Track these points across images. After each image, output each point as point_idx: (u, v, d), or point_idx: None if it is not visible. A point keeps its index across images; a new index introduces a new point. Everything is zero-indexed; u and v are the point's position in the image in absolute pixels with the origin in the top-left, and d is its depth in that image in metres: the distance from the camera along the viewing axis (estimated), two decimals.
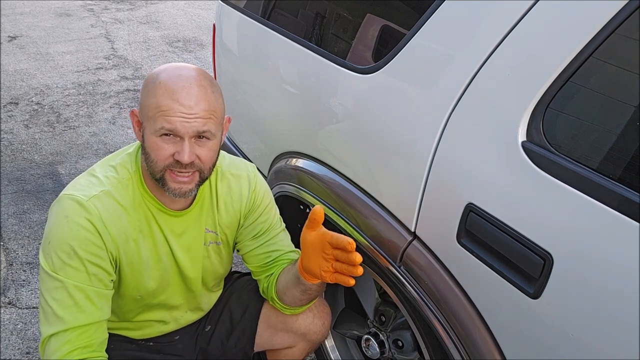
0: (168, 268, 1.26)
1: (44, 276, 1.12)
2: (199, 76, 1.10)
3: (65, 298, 1.10)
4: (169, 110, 1.05)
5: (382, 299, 1.52)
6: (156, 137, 1.07)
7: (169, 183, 1.11)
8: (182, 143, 1.07)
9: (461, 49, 1.05)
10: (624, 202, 0.78)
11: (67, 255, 1.09)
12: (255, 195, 1.32)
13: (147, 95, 1.09)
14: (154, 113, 1.07)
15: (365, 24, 1.33)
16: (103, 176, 1.17)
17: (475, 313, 1.05)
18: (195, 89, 1.07)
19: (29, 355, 1.90)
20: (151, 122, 1.07)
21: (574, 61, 0.86)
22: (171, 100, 1.05)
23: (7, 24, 5.01)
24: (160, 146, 1.08)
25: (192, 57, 4.49)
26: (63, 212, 1.11)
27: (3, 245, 2.39)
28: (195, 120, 1.06)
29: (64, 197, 1.13)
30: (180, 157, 1.07)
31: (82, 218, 1.10)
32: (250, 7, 1.70)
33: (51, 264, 1.10)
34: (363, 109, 1.26)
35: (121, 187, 1.16)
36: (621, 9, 0.81)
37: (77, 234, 1.10)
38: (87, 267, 1.11)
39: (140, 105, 1.12)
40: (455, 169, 1.04)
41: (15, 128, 3.33)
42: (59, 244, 1.09)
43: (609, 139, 0.86)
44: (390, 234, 1.20)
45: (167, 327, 1.40)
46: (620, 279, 0.79)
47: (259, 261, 1.35)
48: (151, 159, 1.10)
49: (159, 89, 1.07)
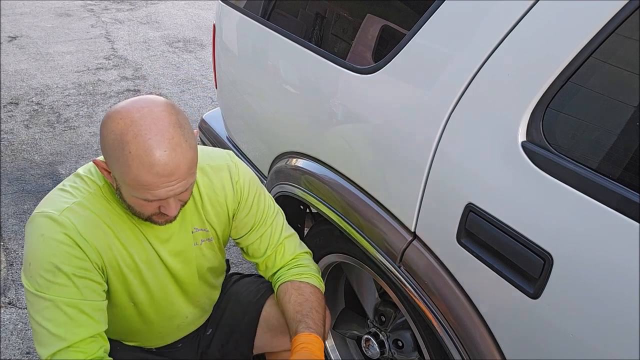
0: (160, 274, 1.24)
1: (32, 298, 1.08)
2: (171, 130, 0.98)
3: (59, 316, 1.06)
4: (150, 185, 0.99)
5: (382, 299, 1.52)
6: (138, 199, 1.03)
7: (156, 220, 1.10)
8: (167, 202, 1.04)
9: (461, 49, 1.05)
10: (623, 202, 0.78)
11: (52, 274, 1.06)
12: (241, 188, 1.28)
13: (118, 161, 0.99)
14: (133, 184, 1.00)
15: (365, 24, 1.33)
16: (72, 188, 1.12)
17: (475, 313, 1.05)
18: (172, 154, 0.98)
19: (29, 355, 1.90)
20: (131, 189, 1.01)
21: (574, 61, 0.86)
22: (151, 175, 0.97)
23: (7, 24, 5.01)
24: (143, 204, 1.04)
25: (192, 57, 4.49)
26: (38, 230, 1.07)
27: (3, 245, 2.39)
28: (178, 184, 1.01)
29: (36, 216, 1.08)
30: (167, 212, 1.05)
31: (58, 233, 1.06)
32: (250, 7, 1.70)
33: (36, 285, 1.06)
34: (363, 109, 1.26)
35: (93, 197, 1.12)
36: (621, 9, 0.81)
37: (56, 251, 1.06)
38: (75, 281, 1.07)
39: (110, 165, 1.02)
40: (455, 169, 1.04)
41: (16, 128, 3.34)
42: (40, 264, 1.05)
43: (608, 139, 0.86)
44: (390, 234, 1.20)
45: (169, 338, 1.40)
46: (620, 279, 0.79)
47: (259, 255, 1.35)
48: (134, 210, 1.07)
49: (134, 162, 0.97)
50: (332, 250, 1.52)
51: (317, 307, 1.26)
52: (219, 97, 2.01)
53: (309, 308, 1.25)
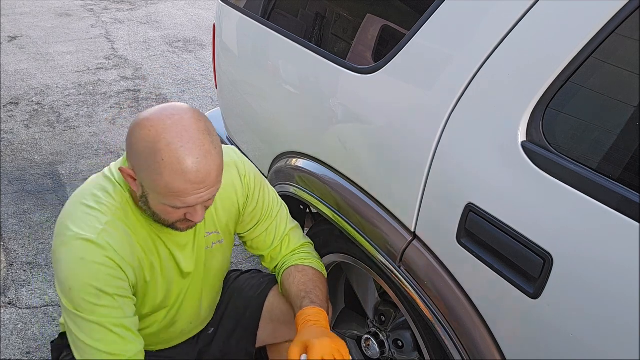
0: (174, 280, 1.26)
1: (76, 319, 1.08)
2: (201, 138, 0.99)
3: (107, 335, 1.09)
4: (181, 192, 1.00)
5: (382, 299, 1.52)
6: (166, 205, 1.04)
7: (179, 226, 1.12)
8: (194, 209, 1.06)
9: (461, 49, 1.05)
10: (623, 202, 0.78)
11: (96, 297, 1.07)
12: (249, 181, 1.29)
13: (149, 169, 0.99)
14: (164, 192, 1.01)
15: (365, 24, 1.33)
16: (99, 205, 1.11)
17: (475, 313, 1.05)
18: (204, 161, 0.99)
19: (29, 355, 1.90)
20: (160, 197, 1.02)
21: (574, 61, 0.86)
22: (183, 182, 0.99)
23: (7, 24, 5.01)
24: (171, 211, 1.05)
25: (192, 57, 4.49)
26: (76, 254, 1.06)
27: (3, 245, 2.39)
28: (207, 190, 1.02)
29: (71, 238, 1.06)
30: (194, 219, 1.07)
31: (100, 256, 1.06)
32: (250, 7, 1.70)
33: (81, 308, 1.07)
34: (363, 109, 1.26)
35: (121, 212, 1.12)
36: (621, 9, 0.81)
37: (98, 274, 1.06)
38: (118, 301, 1.09)
39: (139, 172, 1.02)
40: (455, 169, 1.04)
41: (16, 128, 3.34)
42: (83, 288, 1.06)
43: (608, 139, 0.86)
44: (390, 234, 1.20)
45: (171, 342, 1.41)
46: (620, 279, 0.79)
47: (265, 247, 1.37)
48: (160, 217, 1.08)
49: (166, 169, 0.98)
50: (332, 250, 1.52)
51: (320, 286, 1.29)
52: (219, 97, 2.01)
53: (313, 286, 1.28)
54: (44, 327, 2.00)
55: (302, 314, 1.20)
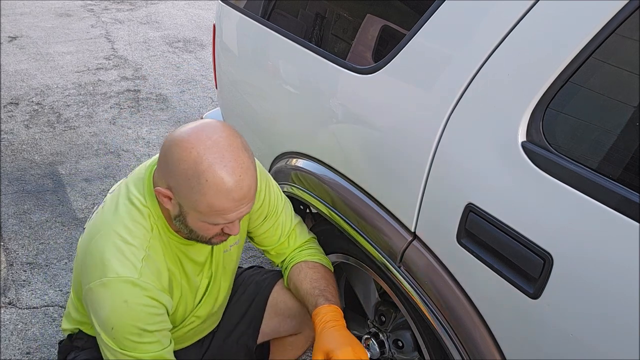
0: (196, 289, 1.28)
1: (116, 354, 1.11)
2: (241, 155, 1.02)
3: None
4: (225, 210, 1.03)
5: (382, 299, 1.52)
6: (205, 223, 1.07)
7: (213, 241, 1.15)
8: (233, 223, 1.09)
9: (461, 49, 1.05)
10: (623, 202, 0.78)
11: (138, 336, 1.09)
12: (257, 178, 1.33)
13: (191, 189, 1.00)
14: (207, 211, 1.03)
15: (365, 24, 1.33)
16: (133, 238, 1.10)
17: (475, 313, 1.05)
18: (246, 179, 1.02)
19: (29, 355, 1.90)
20: (201, 215, 1.05)
21: (574, 61, 0.86)
22: (227, 201, 1.02)
23: (7, 24, 5.01)
24: (209, 228, 1.08)
25: (192, 57, 4.49)
26: (120, 297, 1.07)
27: (3, 245, 2.39)
28: (247, 205, 1.06)
29: (113, 281, 1.06)
30: (231, 232, 1.10)
31: (143, 297, 1.08)
32: (250, 7, 1.70)
33: (122, 345, 1.10)
34: (363, 109, 1.26)
35: (154, 241, 1.13)
36: (621, 9, 0.81)
37: (141, 314, 1.08)
38: (158, 336, 1.12)
39: (179, 192, 1.03)
40: (455, 169, 1.04)
41: (16, 128, 3.34)
42: (126, 328, 1.08)
43: (608, 139, 0.86)
44: (390, 234, 1.20)
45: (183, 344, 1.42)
46: (620, 279, 0.79)
47: (272, 243, 1.39)
48: (197, 234, 1.11)
49: (210, 190, 0.99)
50: (332, 250, 1.52)
51: (333, 284, 1.33)
52: (219, 97, 2.01)
53: (326, 283, 1.31)
54: (44, 327, 2.00)
55: (319, 313, 1.22)
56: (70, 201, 2.68)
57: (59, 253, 2.36)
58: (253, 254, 2.40)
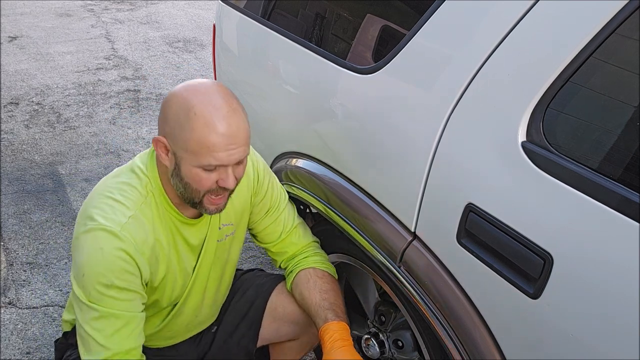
0: (187, 275, 1.28)
1: (82, 306, 1.12)
2: (230, 98, 1.08)
3: (107, 327, 1.11)
4: (214, 146, 1.03)
5: (382, 299, 1.52)
6: (198, 169, 1.07)
7: (207, 205, 1.13)
8: (226, 170, 1.08)
9: (461, 49, 1.05)
10: (623, 202, 0.78)
11: (105, 287, 1.09)
12: (258, 172, 1.34)
13: (182, 128, 1.04)
14: (197, 148, 1.04)
15: (365, 24, 1.33)
16: (125, 198, 1.13)
17: (475, 313, 1.05)
18: (234, 117, 1.05)
19: (29, 355, 1.90)
20: (193, 156, 1.05)
21: (574, 61, 0.86)
22: (215, 135, 1.03)
23: (7, 24, 5.01)
24: (203, 177, 1.08)
25: (192, 57, 4.49)
26: (97, 243, 1.09)
27: (3, 245, 2.39)
28: (237, 150, 1.06)
29: (94, 229, 1.09)
30: (225, 184, 1.09)
31: (118, 249, 1.09)
32: (250, 7, 1.70)
33: (88, 295, 1.10)
34: (363, 109, 1.26)
35: (145, 206, 1.15)
36: (621, 9, 0.81)
37: (113, 265, 1.09)
38: (125, 295, 1.11)
39: (171, 135, 1.07)
40: (455, 169, 1.04)
41: (16, 128, 3.34)
42: (96, 276, 1.08)
43: (609, 139, 0.86)
44: (390, 234, 1.20)
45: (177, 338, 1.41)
46: (620, 279, 0.79)
47: (272, 239, 1.39)
48: (192, 187, 1.10)
49: (198, 122, 1.03)
50: (332, 250, 1.52)
51: (340, 296, 1.34)
52: None
53: (335, 297, 1.31)
54: (43, 327, 2.00)
55: (328, 330, 1.23)
56: (70, 201, 2.68)
57: (59, 253, 2.36)
58: (253, 254, 2.40)
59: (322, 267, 1.38)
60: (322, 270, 1.37)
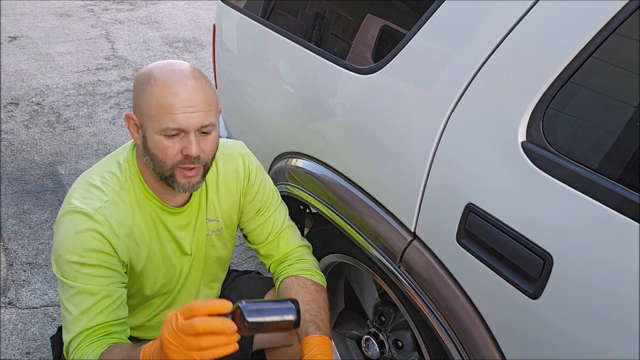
0: (173, 264, 1.28)
1: (60, 284, 1.14)
2: (191, 69, 1.11)
3: (83, 302, 1.12)
4: (171, 107, 1.05)
5: (382, 299, 1.52)
6: (160, 136, 1.08)
7: (179, 179, 1.12)
8: (188, 137, 1.08)
9: (461, 49, 1.05)
10: (623, 202, 0.78)
11: (80, 265, 1.11)
12: (250, 172, 1.33)
13: (143, 94, 1.08)
14: (155, 112, 1.06)
15: (365, 24, 1.33)
16: (104, 185, 1.17)
17: (475, 313, 1.05)
18: (192, 81, 1.08)
19: (29, 355, 1.90)
20: (153, 121, 1.07)
21: (574, 61, 0.86)
22: (171, 96, 1.05)
23: (7, 24, 5.01)
24: (167, 145, 1.08)
25: (192, 57, 4.49)
26: (71, 224, 1.12)
27: (3, 245, 2.39)
28: (197, 113, 1.07)
29: (70, 211, 1.13)
30: (189, 152, 1.08)
31: (92, 230, 1.11)
32: (250, 7, 1.70)
33: (65, 273, 1.12)
34: (363, 109, 1.26)
35: (124, 192, 1.17)
36: (621, 9, 0.81)
37: (87, 244, 1.11)
38: (101, 272, 1.13)
39: (137, 106, 1.11)
40: (455, 169, 1.04)
41: (16, 128, 3.34)
42: (71, 256, 1.10)
43: (608, 139, 0.86)
44: (390, 234, 1.20)
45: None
46: (620, 279, 0.79)
47: (262, 240, 1.38)
48: (158, 159, 1.10)
49: (156, 86, 1.06)
50: (332, 250, 1.52)
51: (324, 307, 1.29)
52: (219, 97, 2.01)
53: (317, 307, 1.27)
54: (43, 327, 2.00)
55: (308, 343, 1.20)
56: None
57: None
58: (253, 254, 2.40)
59: (305, 274, 1.33)
60: (304, 278, 1.32)
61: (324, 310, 1.28)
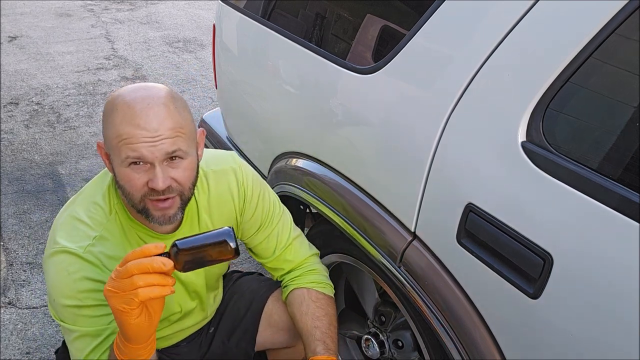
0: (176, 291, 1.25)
1: (63, 330, 1.11)
2: (159, 94, 1.02)
3: (86, 346, 1.09)
4: (131, 138, 0.97)
5: (382, 299, 1.52)
6: (125, 167, 1.01)
7: (152, 212, 1.05)
8: (154, 169, 1.00)
9: (461, 49, 1.05)
10: (623, 202, 0.78)
11: (77, 308, 1.07)
12: (246, 189, 1.26)
13: (106, 124, 1.02)
14: (116, 143, 0.99)
15: (365, 24, 1.33)
16: (89, 218, 1.11)
17: (475, 313, 1.05)
18: (155, 108, 0.99)
19: (29, 355, 1.90)
20: (116, 152, 1.00)
21: (574, 61, 0.86)
22: (131, 126, 0.97)
23: (7, 24, 5.01)
24: (132, 177, 1.01)
25: (192, 57, 4.49)
26: (62, 267, 1.07)
27: (3, 245, 2.39)
28: (161, 142, 0.98)
29: (58, 252, 1.07)
30: (154, 185, 1.00)
31: (82, 271, 1.07)
32: (250, 7, 1.70)
33: (63, 317, 1.09)
34: (363, 109, 1.26)
35: (110, 224, 1.12)
36: (621, 9, 0.81)
37: (81, 286, 1.06)
38: (101, 311, 1.09)
39: (103, 136, 1.04)
40: (455, 169, 1.04)
41: (16, 128, 3.34)
42: (66, 300, 1.07)
43: (608, 139, 0.86)
44: (390, 234, 1.20)
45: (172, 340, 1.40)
46: (620, 279, 0.79)
47: (267, 255, 1.34)
48: (126, 191, 1.03)
49: (117, 116, 0.99)
50: (332, 250, 1.52)
51: (334, 322, 1.29)
52: (219, 97, 2.01)
53: (328, 324, 1.26)
54: (43, 327, 2.00)
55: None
56: None
57: None
58: None
59: (317, 287, 1.31)
60: (316, 292, 1.31)
61: (334, 326, 1.28)
